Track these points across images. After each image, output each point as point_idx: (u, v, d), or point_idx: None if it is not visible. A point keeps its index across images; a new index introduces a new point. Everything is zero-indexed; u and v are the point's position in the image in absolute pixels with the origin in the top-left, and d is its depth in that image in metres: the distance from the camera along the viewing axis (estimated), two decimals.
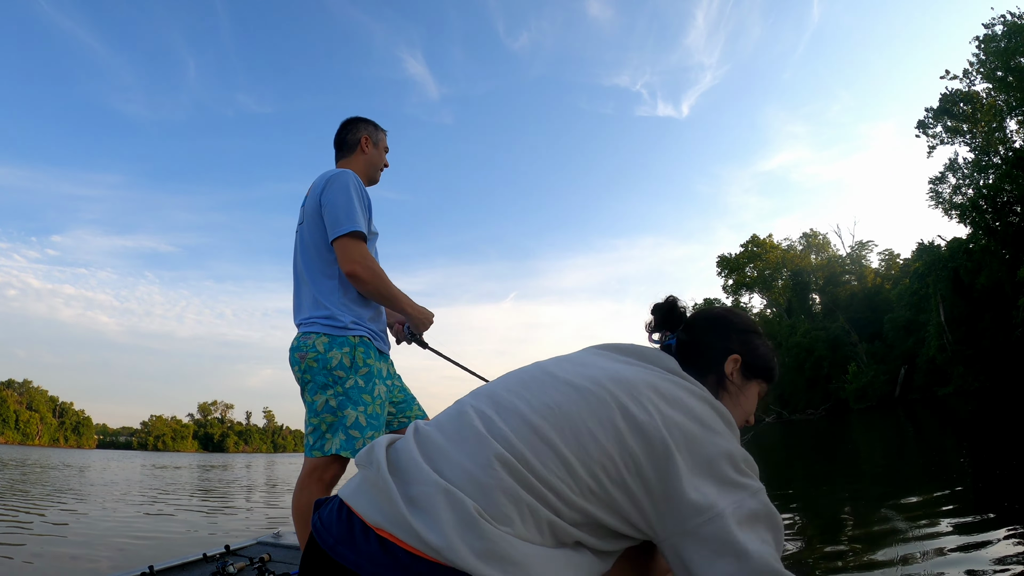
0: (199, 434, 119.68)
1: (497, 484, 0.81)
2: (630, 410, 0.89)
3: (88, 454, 55.39)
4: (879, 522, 3.93)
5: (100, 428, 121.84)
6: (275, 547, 3.29)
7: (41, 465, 18.14)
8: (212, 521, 5.85)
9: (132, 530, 5.20)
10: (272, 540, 3.46)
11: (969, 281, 32.87)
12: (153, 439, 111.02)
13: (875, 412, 34.29)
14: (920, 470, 6.50)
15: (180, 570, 2.72)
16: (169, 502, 7.94)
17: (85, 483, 11.06)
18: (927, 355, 36.90)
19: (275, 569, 2.80)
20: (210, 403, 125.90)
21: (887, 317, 45.10)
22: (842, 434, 17.33)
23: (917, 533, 3.39)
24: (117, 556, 3.96)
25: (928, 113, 36.67)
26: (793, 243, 66.59)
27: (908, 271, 45.86)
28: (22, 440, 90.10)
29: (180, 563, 2.78)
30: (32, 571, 3.49)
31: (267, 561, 2.88)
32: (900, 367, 41.93)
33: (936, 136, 36.79)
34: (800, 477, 7.41)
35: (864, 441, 13.47)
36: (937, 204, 38.25)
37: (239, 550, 3.17)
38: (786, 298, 62.47)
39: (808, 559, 3.24)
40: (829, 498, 5.36)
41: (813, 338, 51.29)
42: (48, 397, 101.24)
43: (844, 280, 58.17)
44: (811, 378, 50.87)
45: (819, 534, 3.79)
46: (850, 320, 51.83)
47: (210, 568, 2.77)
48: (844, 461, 9.05)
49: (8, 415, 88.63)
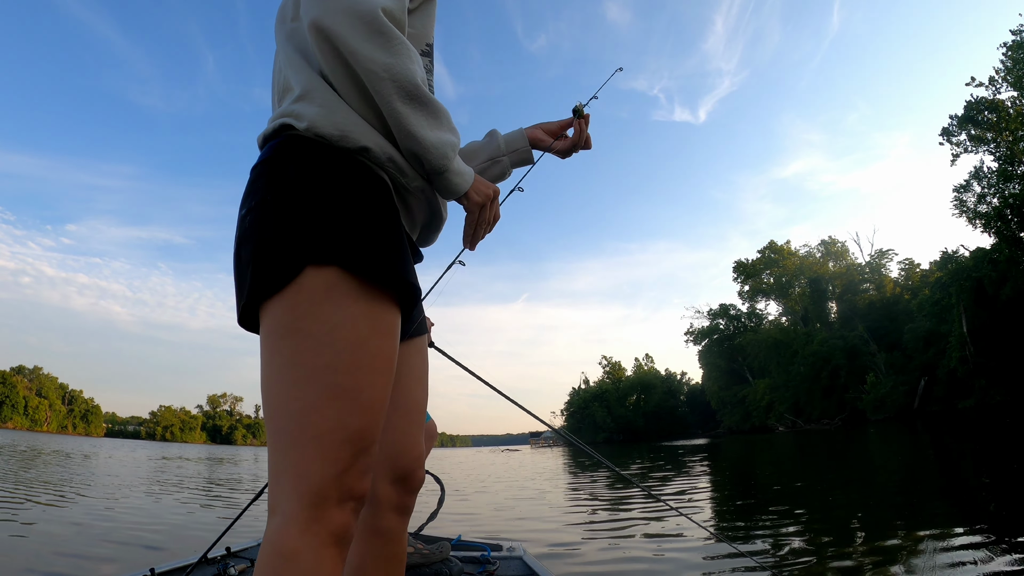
0: (207, 426, 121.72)
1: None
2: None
3: (95, 442, 56.12)
4: (891, 538, 3.80)
5: (109, 417, 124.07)
6: None
7: (42, 452, 18.26)
8: (212, 521, 5.75)
9: (133, 529, 5.13)
10: None
11: (993, 292, 32.20)
12: (161, 429, 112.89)
13: (893, 424, 33.73)
14: (938, 487, 6.27)
15: (181, 572, 2.66)
16: (173, 498, 7.88)
17: (88, 475, 11.06)
18: (948, 367, 36.22)
19: None
20: (220, 395, 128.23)
21: (907, 327, 44.35)
22: (859, 445, 16.98)
23: (931, 553, 3.25)
24: (117, 557, 3.91)
25: (952, 121, 36.04)
26: (811, 249, 65.89)
27: (928, 281, 45.16)
28: (30, 426, 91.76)
29: (181, 565, 2.71)
30: (31, 572, 3.39)
31: None
32: (920, 378, 41.26)
33: (960, 144, 36.13)
34: (813, 490, 7.16)
35: (881, 453, 13.16)
36: (961, 213, 37.53)
37: (240, 552, 3.13)
38: (803, 306, 61.78)
39: (817, 573, 3.14)
40: (841, 511, 5.18)
41: (830, 347, 50.62)
42: (58, 384, 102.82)
43: (863, 289, 57.37)
44: (827, 387, 50.20)
45: (829, 548, 3.63)
46: (868, 329, 51.13)
47: (211, 570, 2.73)
48: (859, 473, 8.79)
49: (17, 401, 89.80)
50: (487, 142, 1.46)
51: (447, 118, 1.02)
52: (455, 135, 1.04)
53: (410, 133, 0.97)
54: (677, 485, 8.64)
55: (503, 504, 7.31)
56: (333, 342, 0.88)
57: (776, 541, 4.05)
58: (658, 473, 11.34)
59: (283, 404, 0.88)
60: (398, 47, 0.93)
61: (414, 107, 0.96)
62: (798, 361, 53.32)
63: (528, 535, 4.71)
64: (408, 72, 0.94)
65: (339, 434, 0.87)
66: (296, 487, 0.85)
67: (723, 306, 70.00)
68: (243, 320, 0.99)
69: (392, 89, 0.93)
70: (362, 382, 0.90)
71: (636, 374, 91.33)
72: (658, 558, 3.73)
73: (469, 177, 1.07)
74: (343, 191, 0.93)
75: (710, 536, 4.27)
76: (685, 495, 7.25)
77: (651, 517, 5.51)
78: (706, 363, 71.21)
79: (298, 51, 1.03)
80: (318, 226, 0.90)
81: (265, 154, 1.00)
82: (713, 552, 3.81)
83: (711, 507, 6.28)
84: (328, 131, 0.95)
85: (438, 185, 1.05)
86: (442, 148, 1.00)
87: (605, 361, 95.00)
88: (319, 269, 0.89)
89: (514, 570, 2.80)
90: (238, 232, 0.98)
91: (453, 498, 8.02)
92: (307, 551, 0.82)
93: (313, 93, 0.97)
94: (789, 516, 5.12)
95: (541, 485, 10.33)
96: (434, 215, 1.16)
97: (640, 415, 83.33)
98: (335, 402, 0.87)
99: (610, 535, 4.66)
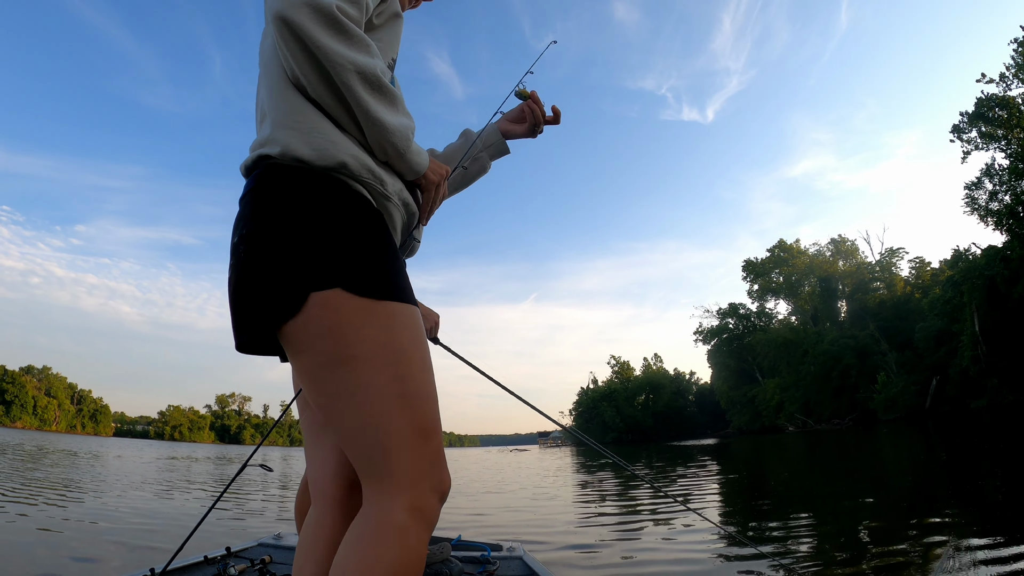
0: (216, 425, 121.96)
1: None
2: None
3: (104, 441, 56.28)
4: (903, 542, 3.77)
5: (118, 416, 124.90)
6: (276, 548, 3.25)
7: (48, 451, 18.40)
8: (213, 521, 5.79)
9: (133, 528, 5.16)
10: (273, 541, 3.40)
11: (1006, 290, 31.88)
12: (170, 429, 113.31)
13: (904, 424, 33.47)
14: (950, 488, 6.22)
15: (181, 572, 2.69)
16: (176, 498, 7.94)
17: (96, 474, 11.15)
18: (960, 366, 35.91)
19: (276, 571, 2.76)
20: (228, 395, 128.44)
21: (919, 326, 43.96)
22: (870, 445, 16.87)
23: (950, 556, 3.22)
24: (118, 557, 3.92)
25: (963, 118, 35.77)
26: (821, 248, 65.46)
27: (939, 279, 44.74)
28: (39, 426, 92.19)
29: (181, 565, 2.74)
30: (30, 572, 3.42)
31: (268, 563, 2.84)
32: (931, 378, 40.93)
33: (971, 141, 35.86)
34: (824, 489, 7.13)
35: (892, 454, 13.07)
36: (973, 210, 37.26)
37: (240, 552, 3.14)
38: (812, 305, 61.39)
39: (831, 571, 3.13)
40: (851, 514, 5.14)
41: (841, 346, 50.29)
42: (67, 384, 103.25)
43: (873, 288, 56.91)
44: (838, 387, 49.87)
45: (838, 552, 3.61)
46: (879, 328, 50.73)
47: (211, 570, 2.75)
48: (870, 474, 8.73)
49: (26, 401, 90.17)
50: (464, 142, 1.59)
51: (403, 104, 1.10)
52: (411, 120, 1.12)
53: (376, 120, 1.02)
54: (686, 484, 8.64)
55: (513, 505, 7.32)
56: (386, 358, 0.97)
57: (788, 538, 4.04)
58: (670, 472, 11.34)
59: (363, 421, 0.97)
60: (359, 41, 0.99)
61: (377, 96, 1.02)
62: (808, 361, 53.00)
63: (541, 536, 4.73)
64: (370, 64, 1.00)
65: (421, 432, 0.99)
66: (400, 480, 0.96)
67: (732, 305, 69.64)
68: (244, 348, 1.07)
69: (358, 80, 0.98)
70: (421, 383, 1.01)
71: (645, 374, 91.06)
72: (671, 558, 3.73)
73: (426, 158, 1.16)
74: (330, 213, 0.99)
75: (722, 534, 4.26)
76: (697, 494, 7.25)
77: (661, 516, 5.52)
78: (715, 363, 70.89)
79: (270, 65, 1.08)
80: (314, 252, 0.96)
81: (250, 184, 1.06)
82: (727, 552, 3.81)
83: (722, 506, 6.28)
84: (303, 152, 1.00)
85: (400, 167, 1.11)
86: (403, 131, 1.07)
87: (614, 361, 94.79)
88: (323, 294, 0.95)
89: (514, 570, 2.81)
90: (233, 261, 1.03)
91: (464, 498, 8.05)
92: (414, 532, 0.94)
93: (284, 111, 1.03)
94: (801, 515, 5.11)
95: (549, 485, 10.34)
96: (411, 216, 1.21)
97: (649, 415, 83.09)
98: (407, 409, 0.98)
99: (621, 534, 4.66)
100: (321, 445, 1.30)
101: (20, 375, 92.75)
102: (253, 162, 1.06)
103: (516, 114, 1.56)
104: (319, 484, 1.27)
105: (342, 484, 1.24)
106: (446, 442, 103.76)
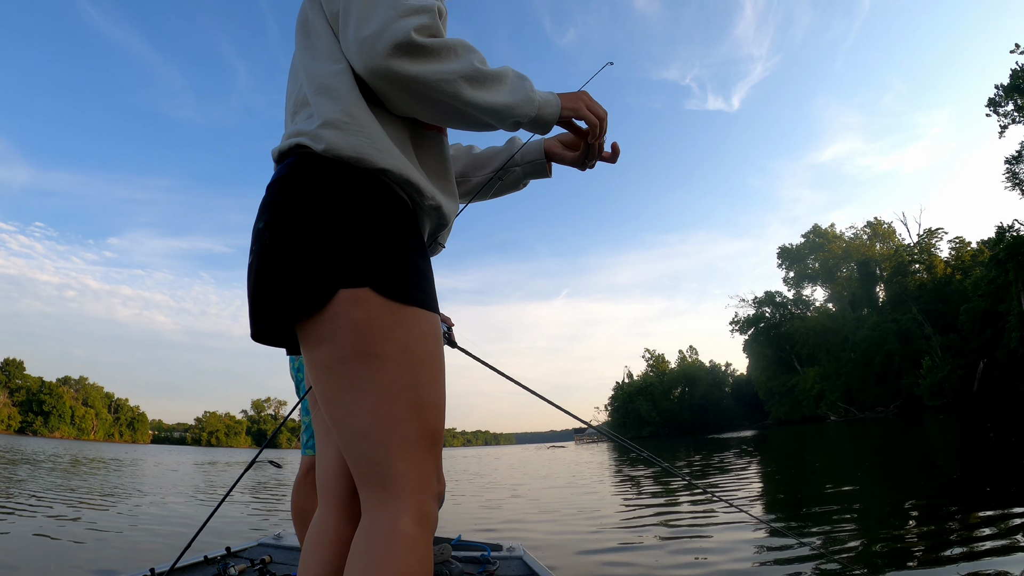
0: (252, 430, 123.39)
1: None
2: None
3: (141, 448, 56.67)
4: (946, 536, 3.70)
5: (155, 424, 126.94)
6: (276, 548, 3.29)
7: (81, 461, 18.43)
8: (213, 521, 6.02)
9: (137, 529, 5.34)
10: (273, 542, 3.44)
11: None
12: (207, 435, 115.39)
13: (951, 410, 32.50)
14: (1000, 481, 6.11)
15: (181, 572, 2.69)
16: (183, 500, 8.17)
17: (116, 482, 11.38)
18: (1007, 348, 34.74)
19: (276, 571, 2.78)
20: (264, 400, 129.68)
21: (963, 307, 42.46)
22: (916, 434, 16.50)
23: (989, 552, 3.20)
24: (117, 557, 4.03)
25: (999, 90, 34.53)
26: (858, 232, 63.88)
27: (980, 259, 43.30)
28: (77, 435, 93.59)
29: (181, 565, 2.73)
30: (29, 573, 3.55)
31: (268, 563, 2.87)
32: (979, 361, 39.65)
33: (1008, 115, 34.57)
34: (871, 481, 7.08)
35: (941, 443, 12.79)
36: (1014, 185, 36.03)
37: (240, 552, 3.18)
38: (850, 290, 59.97)
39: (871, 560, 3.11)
40: (895, 506, 5.10)
41: (883, 331, 48.97)
42: (104, 393, 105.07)
43: (913, 270, 55.33)
44: (881, 374, 48.60)
45: (879, 545, 3.63)
46: (921, 311, 49.31)
47: (211, 570, 2.76)
48: (915, 464, 8.62)
49: (64, 411, 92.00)
50: (505, 148, 1.47)
51: (507, 72, 1.06)
52: (520, 78, 1.07)
53: (491, 107, 1.01)
54: (728, 478, 8.65)
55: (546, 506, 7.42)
56: (408, 362, 0.96)
57: (831, 531, 4.02)
58: (712, 465, 11.34)
59: (372, 421, 0.94)
60: (444, 51, 0.97)
61: (480, 86, 1.00)
62: (849, 347, 51.82)
63: (575, 535, 4.80)
64: (462, 66, 0.98)
65: (428, 439, 0.98)
66: (404, 487, 0.94)
67: (768, 294, 68.40)
68: (260, 337, 1.07)
69: (464, 86, 0.97)
70: (436, 391, 1.01)
71: (680, 366, 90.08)
72: (709, 548, 3.75)
73: (555, 103, 1.11)
74: (367, 211, 0.97)
75: (761, 525, 4.29)
76: (738, 488, 7.28)
77: (699, 511, 5.54)
78: (752, 352, 69.73)
79: (319, 75, 1.06)
80: (347, 248, 0.94)
81: (282, 171, 1.02)
82: (767, 543, 3.85)
83: (764, 499, 6.31)
84: (346, 153, 0.97)
85: (540, 129, 1.11)
86: (521, 98, 1.05)
87: (648, 354, 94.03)
88: (352, 291, 0.93)
89: (514, 570, 2.83)
90: (256, 247, 1.00)
91: (502, 498, 8.25)
92: (421, 540, 0.93)
93: (334, 121, 1.00)
94: (846, 509, 5.07)
95: (587, 482, 10.40)
96: (441, 221, 1.16)
97: (686, 408, 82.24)
98: (420, 413, 0.97)
99: (662, 529, 4.66)
100: (329, 444, 1.27)
101: (57, 386, 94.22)
102: (289, 149, 1.03)
103: (570, 138, 1.37)
104: (324, 483, 1.25)
105: (347, 484, 1.21)
106: (482, 440, 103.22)
